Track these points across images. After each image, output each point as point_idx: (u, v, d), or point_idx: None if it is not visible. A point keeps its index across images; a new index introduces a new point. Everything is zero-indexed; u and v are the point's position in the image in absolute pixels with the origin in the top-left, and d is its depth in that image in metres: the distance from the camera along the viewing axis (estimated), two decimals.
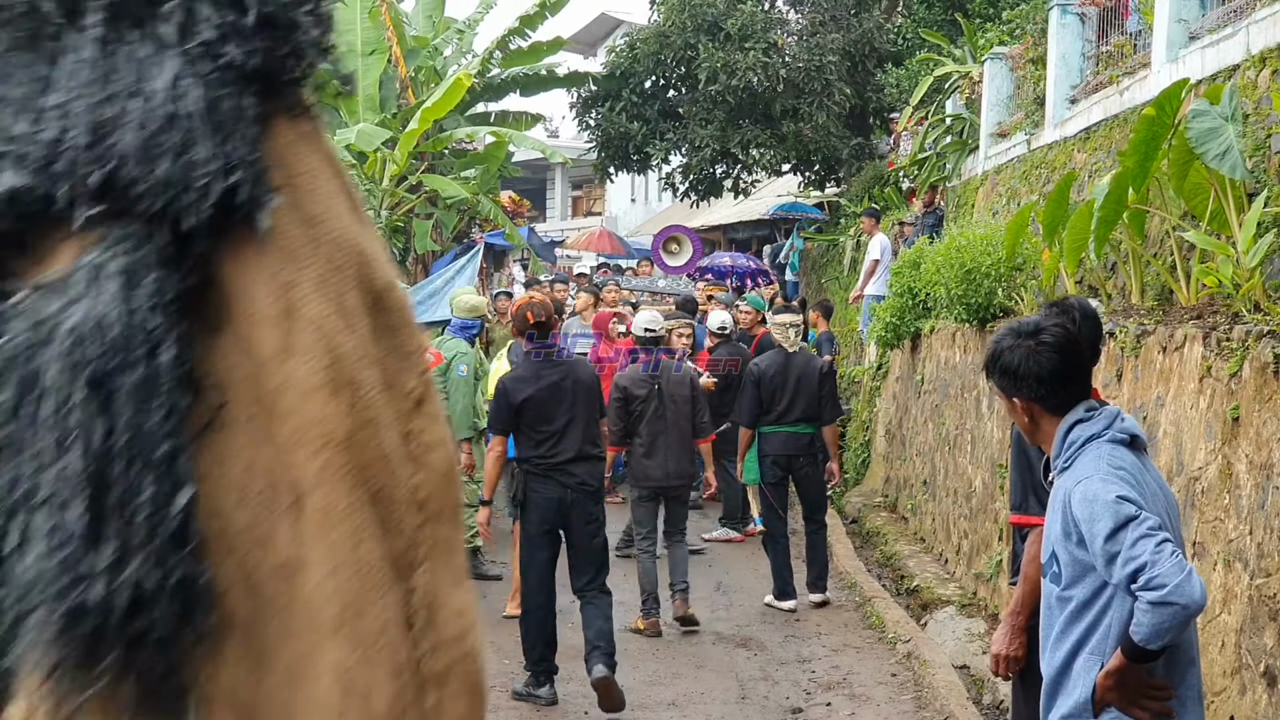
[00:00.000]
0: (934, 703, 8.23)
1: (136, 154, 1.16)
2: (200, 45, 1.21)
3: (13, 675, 1.08)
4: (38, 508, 1.08)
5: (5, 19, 1.20)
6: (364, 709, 1.21)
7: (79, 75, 1.18)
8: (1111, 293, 9.32)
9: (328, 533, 1.22)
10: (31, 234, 1.16)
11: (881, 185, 21.93)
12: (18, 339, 1.11)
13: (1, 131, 1.16)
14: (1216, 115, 6.88)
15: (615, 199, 49.94)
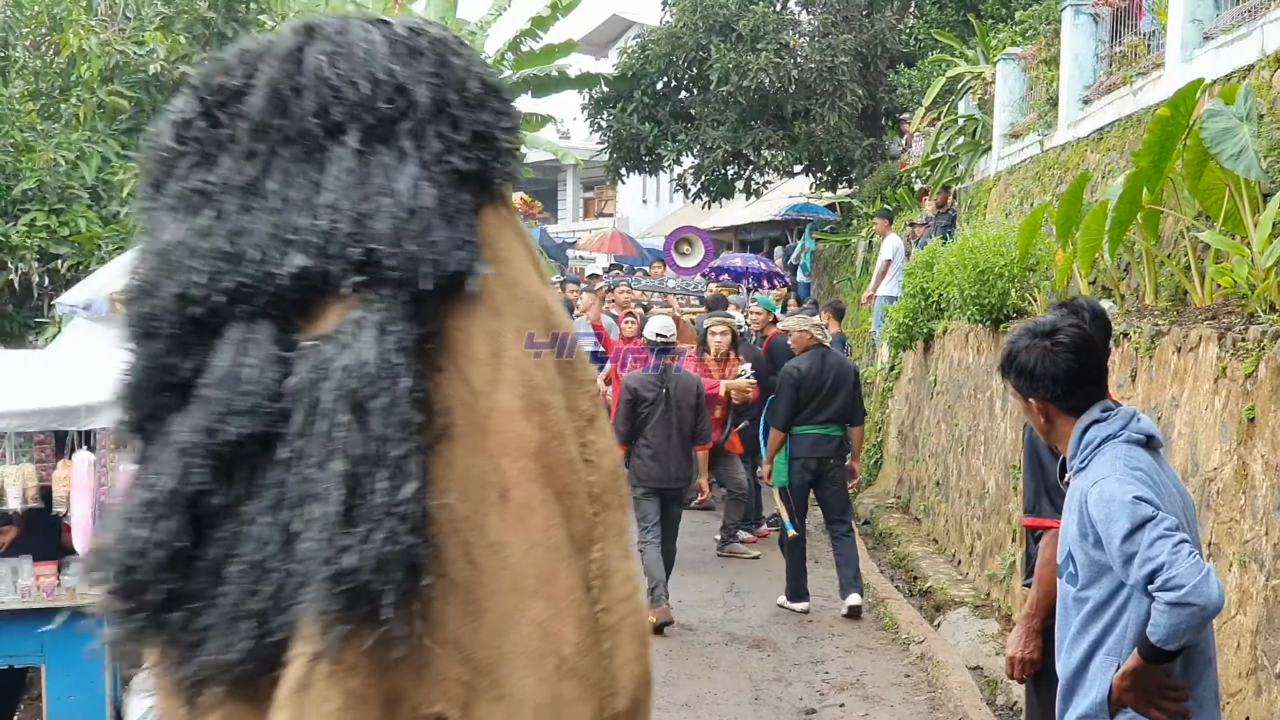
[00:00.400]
0: (948, 704, 8.23)
1: (389, 238, 1.62)
2: (431, 155, 1.68)
3: (289, 632, 1.52)
4: (314, 500, 1.51)
5: (285, 137, 1.67)
6: (557, 650, 1.66)
7: (342, 179, 1.65)
8: (1125, 293, 9.32)
9: (526, 520, 1.67)
10: (310, 299, 1.63)
11: (894, 186, 21.92)
12: (304, 376, 1.57)
13: (289, 225, 1.62)
14: (1231, 115, 6.88)
15: (627, 200, 49.91)
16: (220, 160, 1.73)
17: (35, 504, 8.88)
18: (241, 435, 1.57)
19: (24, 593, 8.79)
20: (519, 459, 1.69)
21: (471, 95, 1.76)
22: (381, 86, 1.70)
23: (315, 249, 1.63)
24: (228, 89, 1.78)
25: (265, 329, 1.64)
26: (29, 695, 9.77)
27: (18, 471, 8.82)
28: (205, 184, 1.70)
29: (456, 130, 1.72)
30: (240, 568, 1.57)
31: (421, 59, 1.76)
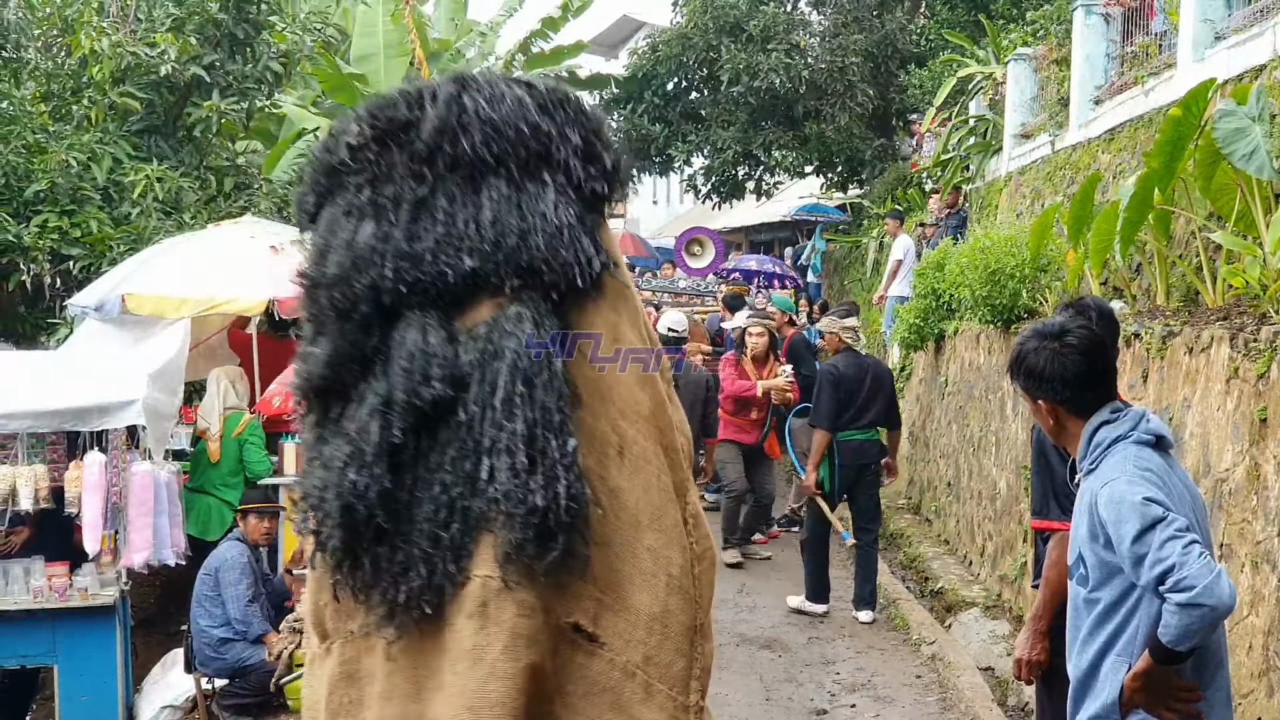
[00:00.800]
0: (959, 705, 8.23)
1: (546, 249, 2.01)
2: (570, 184, 2.08)
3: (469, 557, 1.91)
4: (499, 453, 1.92)
5: (449, 165, 2.04)
6: (666, 571, 2.08)
7: (500, 202, 2.03)
8: (1136, 294, 9.31)
9: (640, 469, 2.09)
10: (466, 295, 2.01)
11: (904, 187, 21.90)
12: (478, 355, 1.97)
13: (457, 235, 2.00)
14: (1243, 115, 6.87)
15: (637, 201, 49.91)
16: (391, 178, 2.11)
17: (47, 505, 8.92)
18: (434, 398, 1.99)
19: (36, 593, 8.81)
20: (636, 420, 2.14)
21: (595, 139, 2.20)
22: (531, 131, 2.11)
23: (483, 255, 2.03)
24: (397, 121, 2.15)
25: (435, 316, 2.06)
26: (41, 695, 9.79)
27: (30, 472, 8.84)
28: (381, 197, 2.10)
29: (587, 165, 2.16)
30: (429, 507, 1.97)
31: (560, 111, 2.20)
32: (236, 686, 8.76)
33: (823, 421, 10.29)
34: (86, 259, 11.76)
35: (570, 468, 1.99)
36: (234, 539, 9.17)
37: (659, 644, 2.18)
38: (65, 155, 12.01)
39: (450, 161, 2.13)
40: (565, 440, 2.00)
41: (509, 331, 2.03)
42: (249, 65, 13.59)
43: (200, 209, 12.83)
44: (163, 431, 9.22)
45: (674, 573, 2.15)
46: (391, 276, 2.08)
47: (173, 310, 9.73)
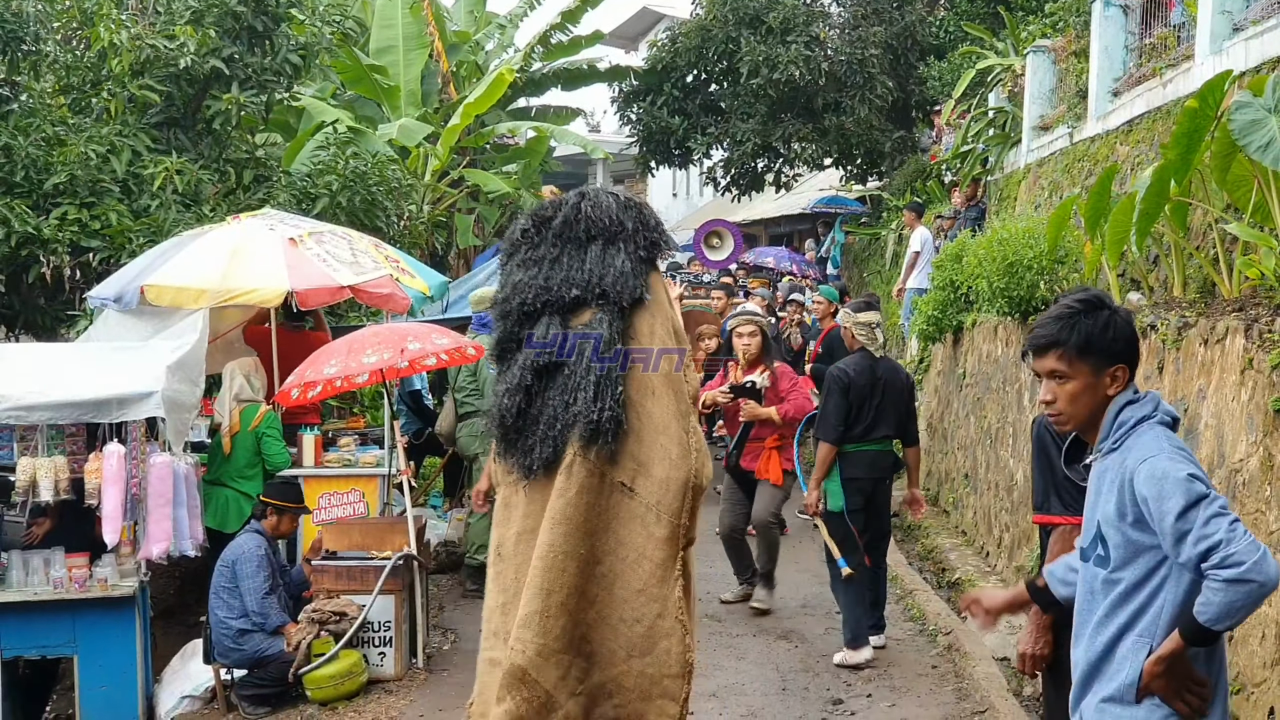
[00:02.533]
0: (974, 694, 8.24)
1: (616, 283, 4.88)
2: (633, 249, 4.98)
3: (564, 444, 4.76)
4: (579, 390, 4.77)
5: (570, 239, 4.94)
6: (670, 456, 4.83)
7: (595, 258, 4.92)
8: (1154, 285, 9.29)
9: (663, 402, 4.88)
10: (571, 308, 4.90)
11: (924, 179, 21.86)
12: (577, 341, 4.83)
13: (570, 277, 4.89)
14: (1260, 107, 6.85)
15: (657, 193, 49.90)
16: (540, 246, 4.92)
17: (67, 496, 8.97)
18: (550, 363, 4.83)
19: (56, 584, 8.87)
20: (663, 378, 4.89)
21: (648, 226, 5.00)
22: (613, 222, 4.87)
23: (582, 287, 4.82)
24: (544, 216, 4.99)
25: (556, 320, 4.87)
26: (61, 685, 9.85)
27: (50, 464, 8.90)
28: (534, 256, 4.89)
29: (642, 239, 4.92)
30: (545, 417, 4.79)
31: (631, 211, 4.98)
32: (255, 677, 8.81)
33: (828, 433, 9.11)
34: (106, 251, 11.82)
35: (617, 401, 4.78)
36: (252, 530, 9.22)
37: (664, 493, 4.82)
38: (84, 148, 12.07)
39: (570, 238, 4.92)
40: (617, 386, 4.80)
41: (595, 328, 4.81)
42: (268, 58, 13.63)
43: (219, 201, 12.89)
44: (183, 423, 9.27)
45: (674, 458, 4.85)
46: (531, 298, 4.91)
47: (191, 301, 9.78)
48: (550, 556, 4.76)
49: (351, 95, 21.88)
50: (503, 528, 5.05)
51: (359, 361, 9.36)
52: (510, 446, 4.99)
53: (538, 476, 4.90)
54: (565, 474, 4.79)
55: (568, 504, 4.78)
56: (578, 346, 4.90)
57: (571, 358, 4.90)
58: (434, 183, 20.67)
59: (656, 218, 5.26)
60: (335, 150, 14.53)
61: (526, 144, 24.77)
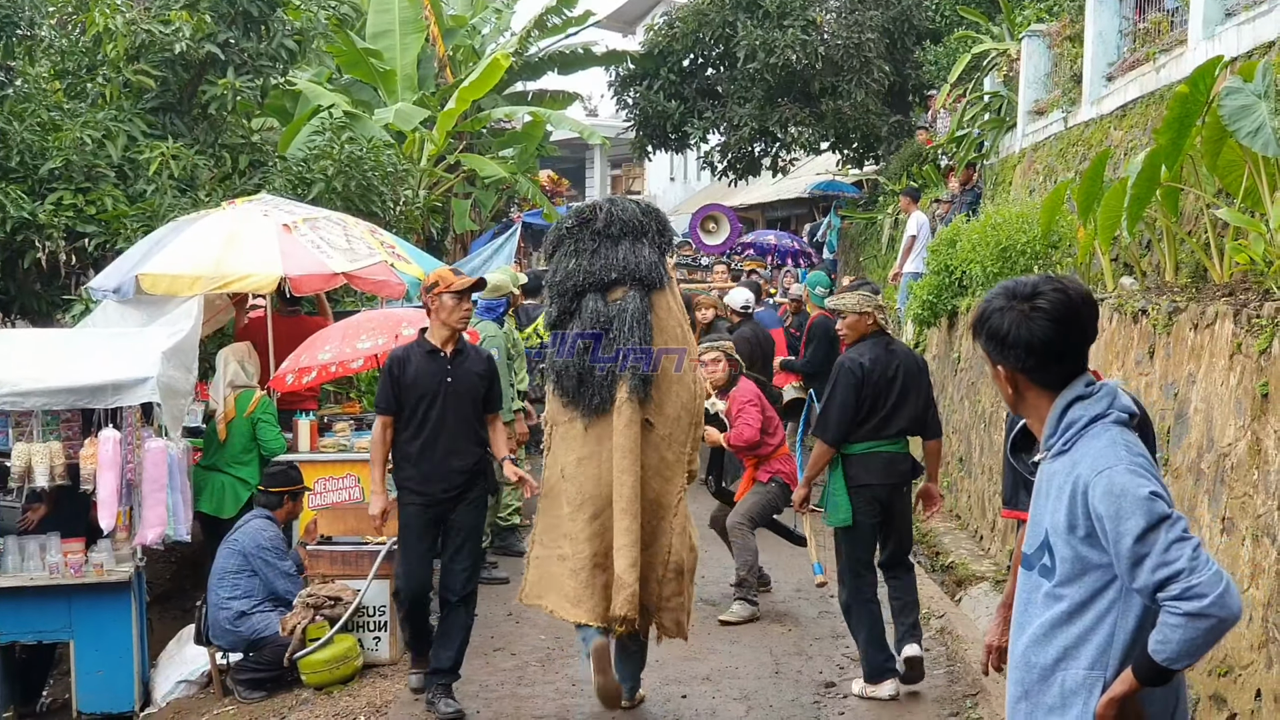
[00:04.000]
0: (966, 677, 8.28)
1: (646, 269, 7.39)
2: (656, 243, 7.57)
3: (616, 390, 7.26)
4: (625, 350, 7.21)
5: (607, 236, 7.42)
6: (681, 399, 7.45)
7: (627, 250, 7.40)
8: (1147, 270, 9.32)
9: (684, 343, 7.52)
10: (610, 287, 7.37)
11: (920, 163, 21.88)
12: (616, 311, 7.31)
13: (609, 264, 7.38)
14: (1250, 93, 6.88)
15: (655, 178, 49.96)
16: (584, 239, 7.46)
17: (63, 481, 9.00)
18: (604, 328, 7.29)
19: (52, 569, 8.90)
20: (676, 339, 7.49)
21: (664, 227, 7.71)
22: (639, 222, 7.50)
23: (620, 271, 7.35)
24: (585, 215, 7.56)
25: (600, 297, 7.38)
26: (57, 670, 9.89)
27: (45, 449, 8.92)
28: (580, 247, 7.46)
29: (661, 237, 7.64)
30: (599, 372, 7.27)
31: (649, 214, 7.63)
32: (251, 661, 8.85)
33: (828, 431, 8.02)
34: (102, 236, 11.83)
35: (651, 357, 7.27)
36: (263, 517, 9.23)
37: (675, 427, 7.40)
38: (80, 133, 12.07)
39: (607, 233, 7.40)
40: (650, 346, 7.28)
41: (630, 302, 7.30)
42: (263, 43, 13.63)
43: (215, 187, 12.90)
44: (178, 409, 9.29)
45: (684, 400, 7.43)
46: (580, 280, 7.36)
47: (186, 289, 9.81)
48: (617, 477, 7.17)
49: (348, 79, 21.89)
50: (565, 455, 7.41)
51: (354, 347, 9.39)
52: (571, 395, 7.38)
53: (594, 417, 7.32)
54: (619, 414, 7.24)
55: (623, 436, 7.21)
56: (618, 318, 7.30)
57: (613, 328, 7.29)
58: (430, 167, 20.69)
59: (668, 221, 7.83)
60: (331, 135, 14.54)
61: (523, 128, 24.79)
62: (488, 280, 11.63)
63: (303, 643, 8.60)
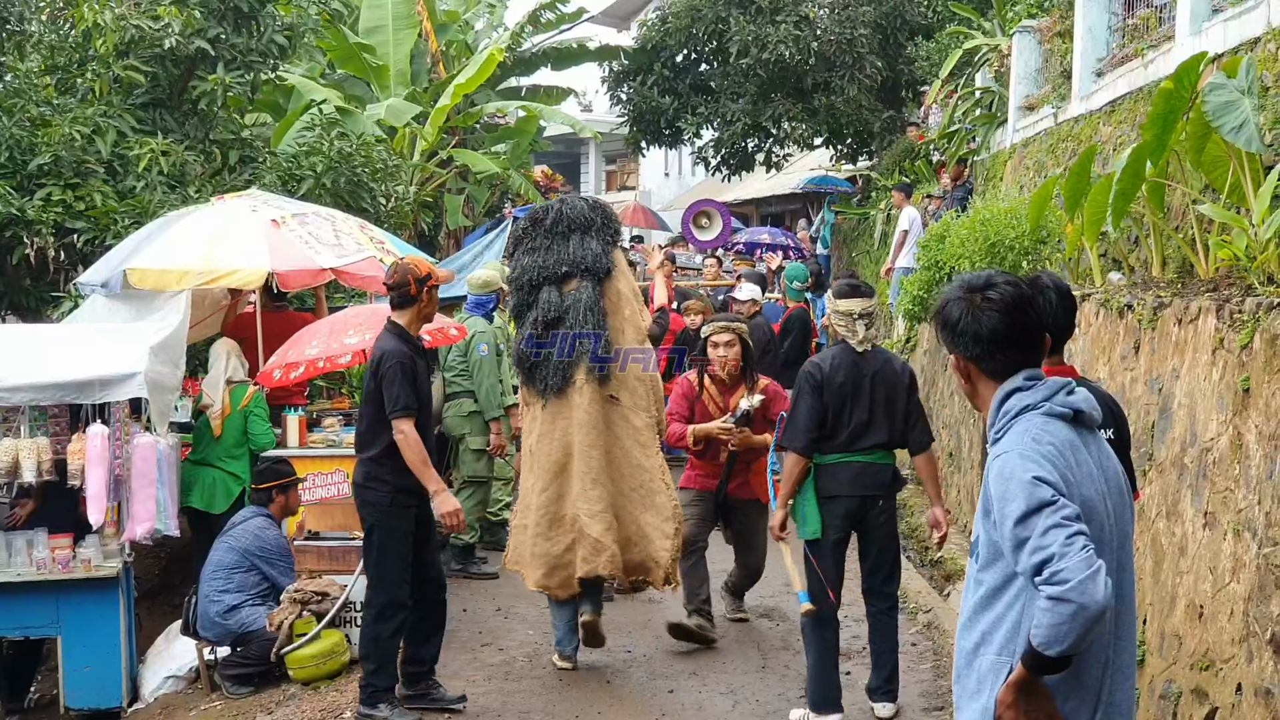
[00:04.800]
0: (951, 672, 8.27)
1: (594, 261, 8.28)
2: (604, 237, 8.43)
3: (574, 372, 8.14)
4: (581, 336, 8.12)
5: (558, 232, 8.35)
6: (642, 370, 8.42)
7: (576, 244, 8.30)
8: (1135, 265, 9.33)
9: (631, 338, 8.38)
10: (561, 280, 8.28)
11: (912, 159, 21.88)
12: (570, 302, 8.22)
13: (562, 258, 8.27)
14: (1233, 88, 6.87)
15: (649, 173, 49.92)
16: (538, 237, 8.36)
17: (50, 477, 9.00)
18: (553, 318, 8.15)
19: (40, 565, 8.91)
20: (629, 320, 8.41)
21: (610, 220, 8.58)
22: (585, 218, 8.37)
23: (570, 264, 8.22)
24: (536, 218, 8.51)
25: (554, 288, 8.20)
26: (45, 666, 9.89)
27: (32, 445, 8.94)
28: (534, 246, 8.36)
29: (606, 230, 8.45)
30: (556, 357, 8.10)
31: (597, 210, 8.53)
32: (239, 656, 8.86)
33: (796, 439, 7.52)
34: (91, 233, 11.82)
35: (604, 341, 8.13)
36: (261, 515, 9.22)
37: (636, 396, 8.30)
38: (69, 128, 12.06)
39: (557, 230, 8.30)
40: (603, 330, 8.15)
41: (582, 293, 8.14)
42: (253, 38, 13.62)
43: (205, 182, 12.90)
44: (165, 404, 9.31)
45: (639, 373, 8.33)
46: (534, 275, 8.22)
47: (174, 283, 9.82)
48: (582, 451, 8.06)
49: (341, 75, 21.88)
50: (529, 435, 8.35)
51: (341, 342, 9.40)
52: (531, 377, 8.27)
53: (552, 397, 8.17)
54: (579, 393, 8.11)
55: (585, 413, 8.09)
56: (572, 307, 8.15)
57: (568, 316, 8.15)
58: (423, 163, 20.68)
59: (614, 214, 8.75)
60: (321, 131, 14.53)
61: (516, 124, 24.79)
62: (478, 277, 11.66)
63: (290, 638, 8.61)
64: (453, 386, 11.26)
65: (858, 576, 7.83)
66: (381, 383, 7.51)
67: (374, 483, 7.66)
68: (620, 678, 8.27)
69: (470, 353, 11.07)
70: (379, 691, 7.65)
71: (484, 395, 11.05)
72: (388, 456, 7.61)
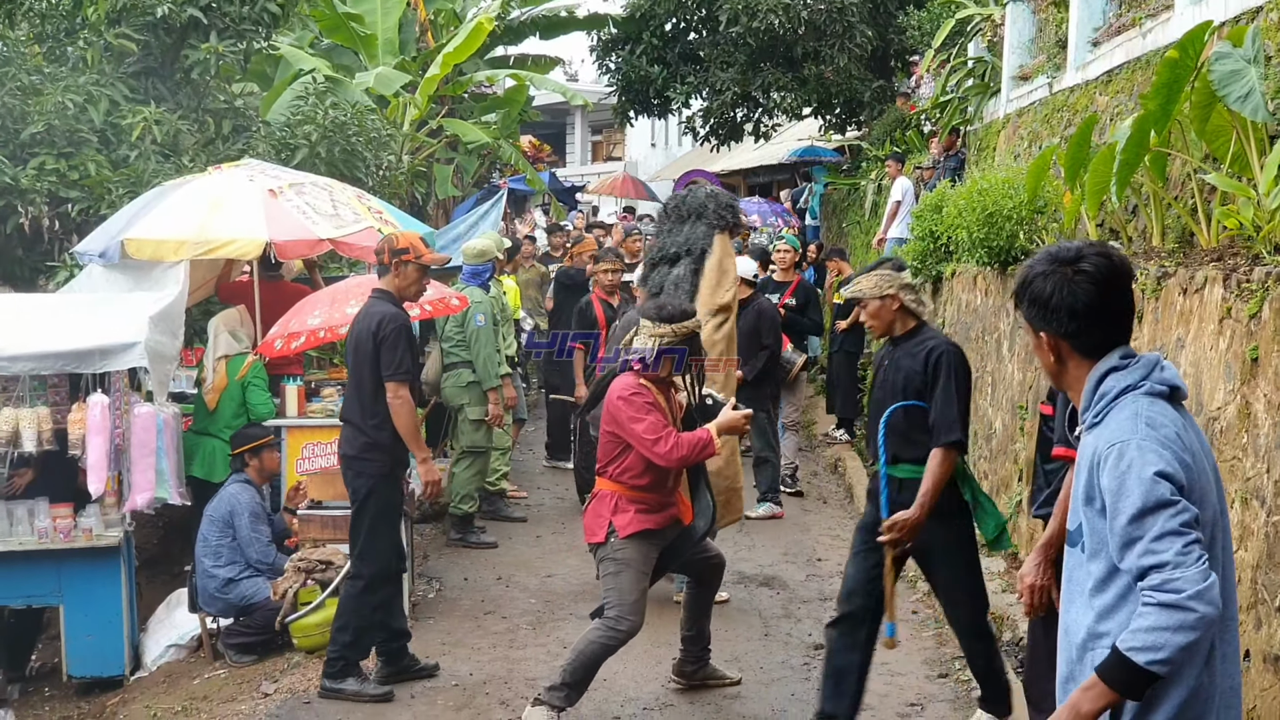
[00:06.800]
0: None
1: (694, 243, 9.20)
2: (714, 221, 9.28)
3: None
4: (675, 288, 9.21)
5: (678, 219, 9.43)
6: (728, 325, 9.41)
7: (690, 229, 9.29)
8: (1132, 235, 9.35)
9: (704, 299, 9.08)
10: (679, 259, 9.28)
11: (903, 129, 21.86)
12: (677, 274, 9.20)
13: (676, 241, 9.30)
14: (1239, 57, 6.88)
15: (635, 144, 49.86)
16: (667, 222, 9.52)
17: (50, 446, 8.99)
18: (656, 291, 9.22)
19: (41, 534, 8.91)
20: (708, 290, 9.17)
21: (725, 205, 9.41)
22: (702, 204, 9.34)
23: (679, 245, 9.22)
24: (671, 205, 9.65)
25: (668, 266, 9.22)
26: (46, 635, 9.90)
27: (32, 414, 8.92)
28: (664, 228, 9.53)
29: (719, 213, 9.29)
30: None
31: (714, 196, 9.48)
32: (241, 625, 8.88)
33: (956, 431, 6.52)
34: (85, 202, 11.76)
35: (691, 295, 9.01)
36: (239, 481, 9.27)
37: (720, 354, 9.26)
38: (61, 97, 11.97)
39: (678, 217, 9.42)
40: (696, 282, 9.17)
41: (678, 270, 9.08)
42: (246, 6, 13.52)
43: (199, 152, 12.81)
44: (164, 374, 9.29)
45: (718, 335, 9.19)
46: (655, 255, 9.44)
47: (171, 253, 9.78)
48: None
49: (329, 44, 21.75)
50: None
51: (343, 312, 9.38)
52: None
53: None
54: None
55: None
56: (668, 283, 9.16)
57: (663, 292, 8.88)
58: (412, 132, 20.60)
59: (728, 202, 9.56)
60: (314, 100, 14.46)
61: (505, 93, 24.66)
62: (473, 246, 11.64)
63: (294, 606, 8.63)
64: (450, 357, 11.26)
65: None
66: (382, 345, 7.50)
67: (373, 452, 7.68)
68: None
69: (467, 323, 11.07)
70: (349, 665, 7.73)
71: (481, 365, 11.05)
72: (390, 424, 7.62)
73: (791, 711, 7.40)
